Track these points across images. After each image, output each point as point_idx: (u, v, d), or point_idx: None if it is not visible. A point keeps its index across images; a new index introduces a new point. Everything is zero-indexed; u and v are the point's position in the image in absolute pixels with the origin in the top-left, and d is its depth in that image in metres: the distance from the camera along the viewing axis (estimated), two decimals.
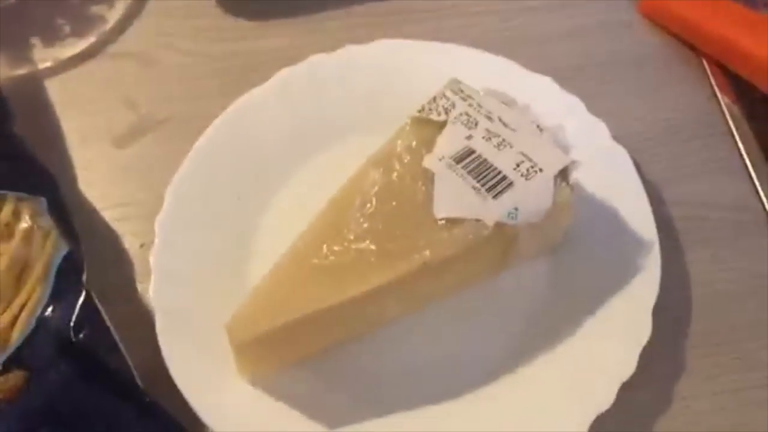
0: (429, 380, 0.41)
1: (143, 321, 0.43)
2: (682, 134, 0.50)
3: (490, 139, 0.41)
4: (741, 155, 0.49)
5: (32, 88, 0.54)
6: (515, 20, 0.56)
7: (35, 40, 0.56)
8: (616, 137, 0.47)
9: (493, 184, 0.39)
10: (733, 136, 0.50)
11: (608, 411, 0.39)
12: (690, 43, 0.54)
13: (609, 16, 0.56)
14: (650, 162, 0.49)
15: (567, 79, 0.50)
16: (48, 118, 0.53)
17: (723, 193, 0.48)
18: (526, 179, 0.40)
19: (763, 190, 0.48)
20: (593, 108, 0.48)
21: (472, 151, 0.41)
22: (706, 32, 0.52)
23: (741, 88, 0.51)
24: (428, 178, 0.40)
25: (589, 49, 0.55)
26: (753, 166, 0.49)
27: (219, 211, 0.46)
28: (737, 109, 0.51)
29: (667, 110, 0.52)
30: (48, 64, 0.55)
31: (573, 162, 0.40)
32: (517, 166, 0.40)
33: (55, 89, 0.54)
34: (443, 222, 0.39)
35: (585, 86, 0.50)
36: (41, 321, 0.39)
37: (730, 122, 0.50)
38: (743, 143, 0.49)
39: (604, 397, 0.39)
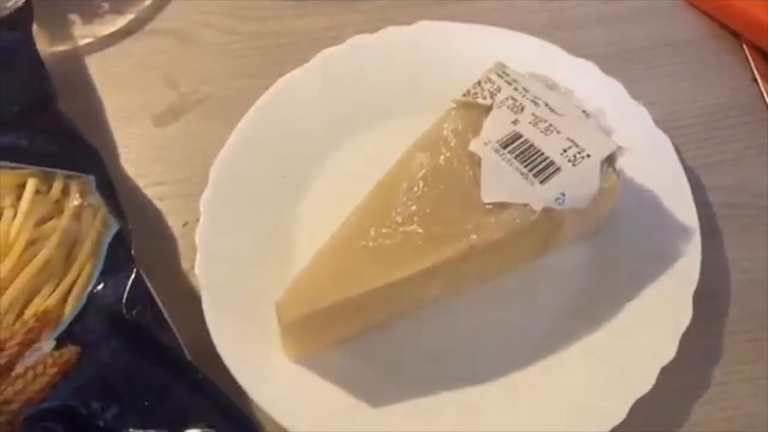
0: (469, 361, 0.42)
1: (188, 298, 0.44)
2: (722, 120, 0.50)
3: (536, 124, 0.41)
4: None
5: (72, 65, 0.54)
6: (554, 2, 0.56)
7: (74, 17, 0.56)
8: (656, 122, 0.47)
9: (541, 169, 0.40)
10: None
11: (646, 394, 0.39)
12: (731, 29, 0.54)
13: (648, 1, 0.56)
14: (690, 147, 0.49)
15: (607, 64, 0.49)
16: (89, 95, 0.53)
17: (762, 180, 0.48)
18: (573, 165, 0.40)
19: None
20: (633, 93, 0.48)
21: (519, 136, 0.41)
22: (748, 17, 0.52)
23: None
24: (475, 162, 0.40)
25: (628, 34, 0.54)
26: None
27: (263, 190, 0.46)
28: None
29: (707, 96, 0.52)
30: (88, 41, 0.55)
31: (619, 148, 0.41)
32: (564, 151, 0.40)
33: (94, 66, 0.54)
34: (490, 206, 0.39)
35: (625, 71, 0.50)
36: (92, 297, 0.39)
37: None
38: None
39: (644, 381, 0.39)
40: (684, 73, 0.53)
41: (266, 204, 0.46)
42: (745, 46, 0.53)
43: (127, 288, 0.39)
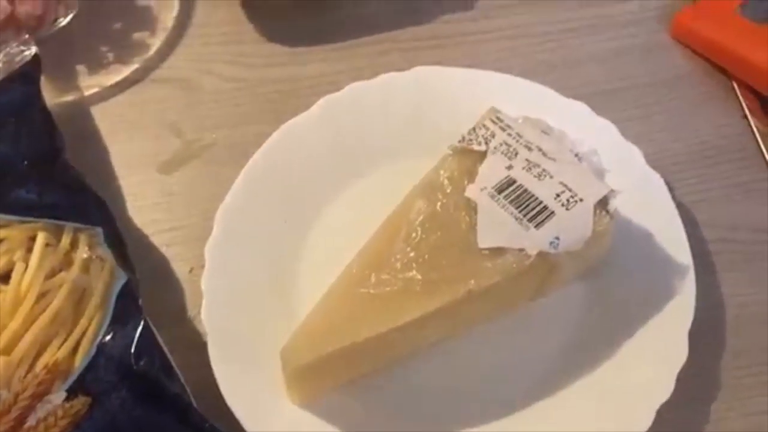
0: (467, 400, 0.43)
1: (194, 344, 0.45)
2: (713, 157, 0.52)
3: (530, 169, 0.42)
4: None
5: (79, 115, 0.55)
6: (549, 44, 0.57)
7: (80, 68, 0.57)
8: (648, 160, 0.48)
9: (535, 214, 0.41)
10: (764, 158, 0.51)
11: None
12: (721, 67, 0.55)
13: (640, 39, 0.57)
14: (682, 184, 0.50)
15: (599, 103, 0.51)
16: (95, 144, 0.54)
17: (754, 216, 0.49)
18: (567, 209, 0.41)
19: None
20: (624, 131, 0.49)
21: (513, 181, 0.42)
22: (737, 56, 0.53)
23: None
24: (471, 208, 0.42)
25: (620, 73, 0.56)
26: None
27: (266, 236, 0.47)
28: None
29: (698, 133, 0.53)
30: (93, 90, 0.56)
31: (612, 191, 0.42)
32: (558, 195, 0.41)
33: (100, 116, 0.55)
34: (486, 251, 0.40)
35: (617, 110, 0.52)
36: (102, 347, 0.40)
37: (761, 145, 0.51)
38: None
39: (641, 421, 0.40)
40: (675, 110, 0.54)
41: (269, 249, 0.47)
42: (734, 84, 0.54)
43: (136, 338, 0.40)
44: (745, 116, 0.53)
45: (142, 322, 0.41)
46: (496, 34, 0.58)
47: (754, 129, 0.52)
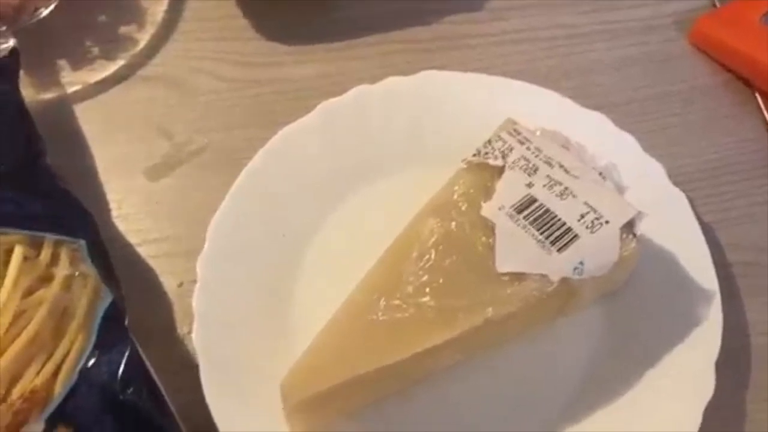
0: (482, 429, 0.40)
1: (184, 365, 0.42)
2: (736, 174, 0.49)
3: (552, 187, 0.39)
4: None
5: (60, 114, 0.52)
6: (560, 49, 0.55)
7: (62, 63, 0.54)
8: (668, 176, 0.46)
9: (558, 237, 0.38)
10: None
11: None
12: (744, 78, 0.52)
13: (657, 46, 0.55)
14: (703, 202, 0.48)
15: (615, 113, 0.48)
16: (77, 146, 0.51)
17: None
18: (592, 232, 0.38)
19: None
20: (643, 144, 0.47)
21: (534, 200, 0.39)
22: (760, 64, 0.51)
23: None
24: (488, 228, 0.39)
25: (636, 82, 0.53)
26: None
27: (262, 250, 0.44)
28: None
29: (719, 147, 0.50)
30: (76, 88, 0.53)
31: (639, 213, 0.39)
32: (582, 217, 0.38)
33: (83, 116, 0.52)
34: (506, 277, 0.37)
35: (634, 121, 0.49)
36: (85, 373, 0.37)
37: None
38: None
39: None
40: (694, 123, 0.51)
41: (266, 265, 0.44)
42: (757, 95, 0.52)
43: (122, 365, 0.37)
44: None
45: (129, 347, 0.37)
46: (505, 38, 0.55)
47: None
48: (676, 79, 0.53)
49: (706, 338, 0.41)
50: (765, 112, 0.51)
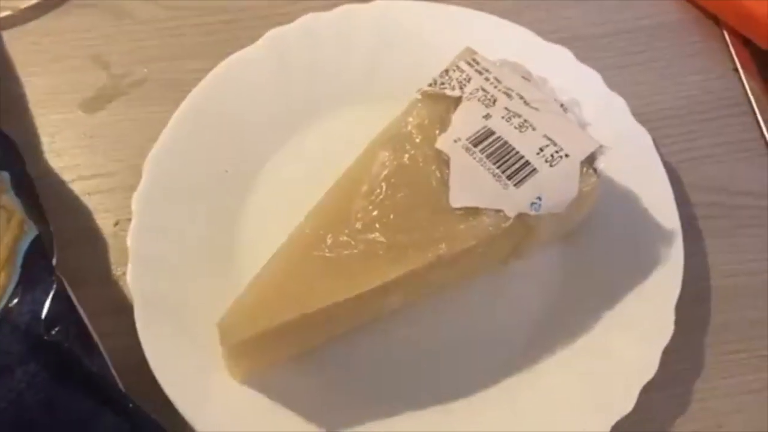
0: (432, 376, 0.38)
1: (119, 309, 0.39)
2: (701, 113, 0.47)
3: (510, 119, 0.37)
4: (764, 137, 0.46)
5: None
6: None
7: None
8: (633, 114, 0.44)
9: (515, 171, 0.36)
10: (755, 116, 0.47)
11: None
12: (711, 14, 0.50)
13: None
14: (667, 142, 0.46)
15: (578, 48, 0.46)
16: (7, 76, 0.47)
17: (743, 178, 0.45)
18: (551, 165, 0.36)
19: None
20: (607, 81, 0.45)
21: (492, 133, 0.37)
22: (734, 4, 0.49)
23: (765, 64, 0.48)
24: (443, 161, 0.36)
25: (600, 16, 0.51)
26: None
27: (203, 187, 0.42)
28: (760, 87, 0.48)
29: (685, 86, 0.48)
30: (6, 14, 0.49)
31: (600, 147, 0.37)
32: (541, 150, 0.36)
33: (14, 44, 0.48)
34: (460, 212, 0.35)
35: (597, 57, 0.47)
36: (6, 313, 0.34)
37: (753, 101, 0.47)
38: (766, 124, 0.46)
39: (624, 403, 0.36)
40: (661, 61, 0.49)
41: (207, 203, 0.41)
42: (725, 33, 0.50)
43: (47, 303, 0.34)
44: (736, 70, 0.49)
45: (54, 285, 0.35)
46: None
47: (746, 84, 0.48)
48: (642, 15, 0.51)
49: (666, 280, 0.39)
50: (733, 50, 0.49)
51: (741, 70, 0.48)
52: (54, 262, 0.37)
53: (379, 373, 0.38)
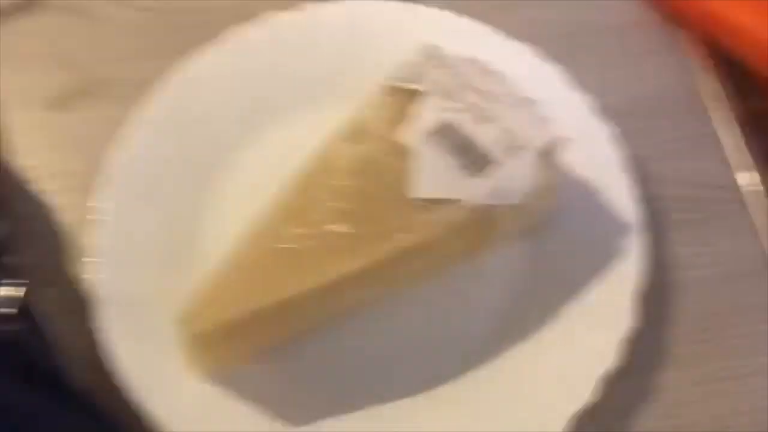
0: (400, 370, 0.38)
1: (78, 307, 0.38)
2: (661, 109, 0.48)
3: (469, 111, 0.37)
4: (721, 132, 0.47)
5: None
6: None
7: None
8: (595, 111, 0.44)
9: (474, 161, 0.36)
10: (713, 111, 0.47)
11: (588, 404, 0.36)
12: (671, 12, 0.51)
13: None
14: (629, 138, 0.46)
15: (541, 46, 0.46)
16: None
17: (705, 172, 0.46)
18: (509, 156, 0.36)
19: (743, 169, 0.46)
20: (569, 77, 0.45)
21: (451, 125, 0.37)
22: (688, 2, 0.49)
23: (722, 62, 0.49)
24: (403, 153, 0.37)
25: (564, 16, 0.51)
26: (733, 144, 0.46)
27: (164, 185, 0.42)
28: (718, 84, 0.48)
29: (646, 83, 0.49)
30: None
31: (558, 138, 0.37)
32: (500, 142, 0.37)
33: None
34: (420, 203, 0.35)
35: (560, 56, 0.47)
36: None
37: (709, 98, 0.48)
38: (721, 120, 0.47)
39: (585, 392, 0.36)
40: (623, 59, 0.50)
41: (167, 201, 0.41)
42: (684, 33, 0.50)
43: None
44: (696, 67, 0.49)
45: (5, 281, 0.34)
46: None
47: (704, 81, 0.48)
48: (604, 15, 0.51)
49: (627, 272, 0.40)
50: (691, 51, 0.50)
51: (700, 69, 0.49)
52: (13, 259, 0.37)
53: (343, 369, 0.38)
